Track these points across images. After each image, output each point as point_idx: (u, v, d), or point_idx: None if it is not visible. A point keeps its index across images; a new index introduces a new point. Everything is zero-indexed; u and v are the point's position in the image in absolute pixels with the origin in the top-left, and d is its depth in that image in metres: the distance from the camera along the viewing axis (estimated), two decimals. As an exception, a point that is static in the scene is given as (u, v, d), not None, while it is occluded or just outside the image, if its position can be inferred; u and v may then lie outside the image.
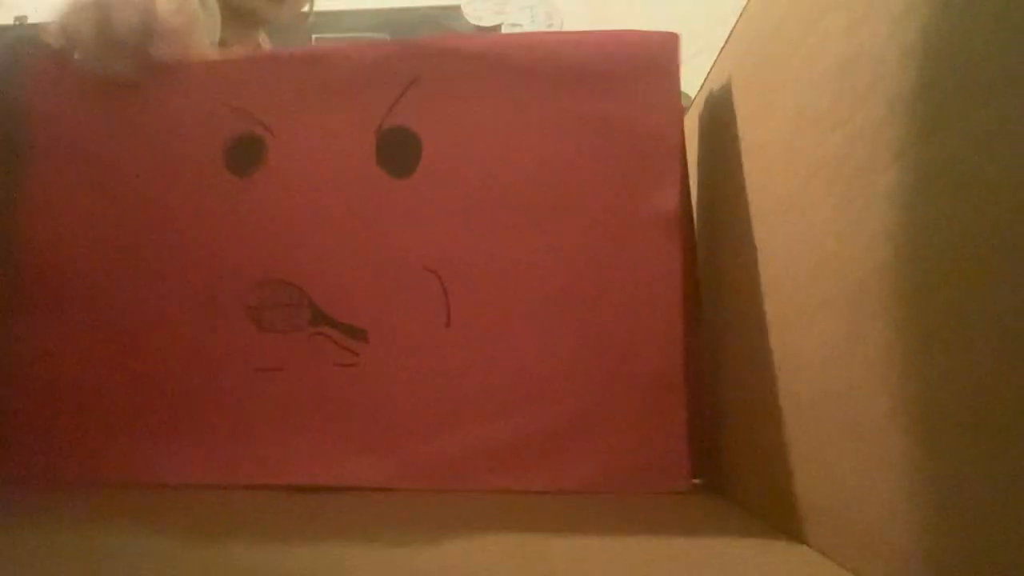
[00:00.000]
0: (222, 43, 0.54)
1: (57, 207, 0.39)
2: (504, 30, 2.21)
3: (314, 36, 2.35)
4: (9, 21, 2.08)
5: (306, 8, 0.86)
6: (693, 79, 0.38)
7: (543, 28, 2.20)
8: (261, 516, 0.32)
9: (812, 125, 0.26)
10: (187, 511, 0.32)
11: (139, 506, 0.33)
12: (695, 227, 0.41)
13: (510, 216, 0.37)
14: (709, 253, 0.40)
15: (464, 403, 0.37)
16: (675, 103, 0.37)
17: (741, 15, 0.35)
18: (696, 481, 0.37)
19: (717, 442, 0.38)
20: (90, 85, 0.40)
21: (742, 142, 0.34)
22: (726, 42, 0.37)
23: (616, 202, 0.37)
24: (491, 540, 0.27)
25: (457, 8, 2.26)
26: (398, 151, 0.38)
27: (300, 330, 0.38)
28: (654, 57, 0.37)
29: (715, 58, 0.39)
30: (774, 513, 0.29)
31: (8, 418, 0.38)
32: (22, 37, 0.41)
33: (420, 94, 0.38)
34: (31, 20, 1.89)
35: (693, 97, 0.43)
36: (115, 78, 0.39)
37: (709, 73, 0.40)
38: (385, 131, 0.38)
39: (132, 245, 0.39)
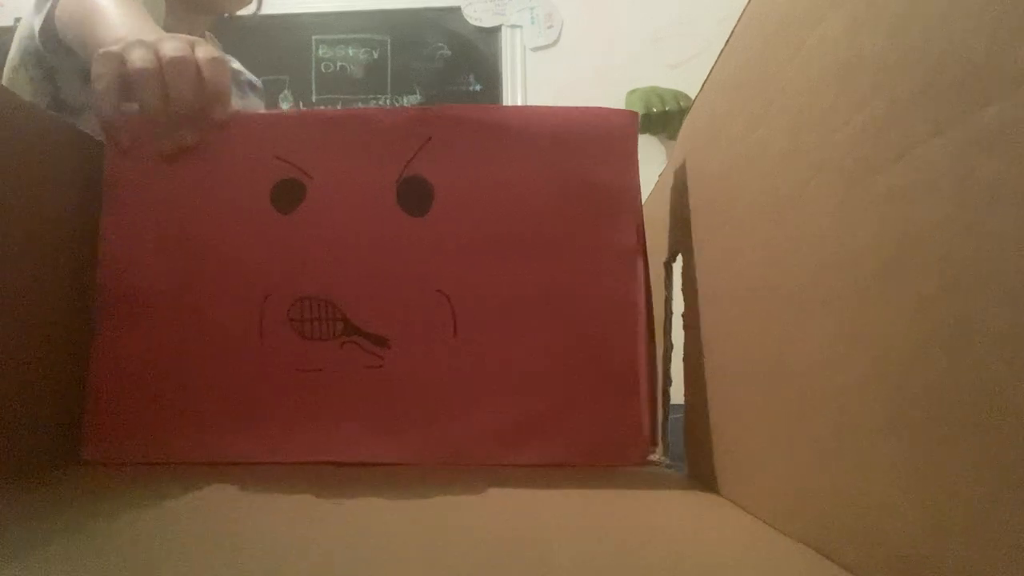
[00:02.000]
0: (167, 30, 0.58)
1: (128, 239, 0.48)
2: (504, 31, 2.21)
3: (314, 36, 2.35)
4: (9, 23, 2.09)
5: None
6: (693, 79, 0.38)
7: (543, 29, 2.20)
8: (303, 487, 0.38)
9: (812, 126, 0.26)
10: (243, 484, 0.39)
11: (204, 480, 0.39)
12: (693, 229, 0.42)
13: (504, 248, 0.47)
14: (706, 253, 0.40)
15: (467, 396, 0.46)
16: (633, 163, 0.48)
17: (741, 16, 0.35)
18: (663, 459, 0.48)
19: (715, 441, 0.38)
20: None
21: (742, 143, 0.34)
22: (727, 43, 0.37)
23: (588, 240, 0.47)
24: (488, 504, 0.34)
25: (457, 9, 2.27)
26: (415, 195, 0.47)
27: (334, 338, 0.47)
28: (617, 128, 0.48)
29: (715, 59, 0.39)
30: (771, 512, 0.29)
31: (96, 410, 0.46)
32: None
33: (433, 150, 0.48)
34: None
35: (694, 98, 0.43)
36: (176, 143, 0.47)
37: (709, 74, 0.40)
38: (404, 179, 0.48)
39: (194, 270, 0.48)
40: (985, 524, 0.16)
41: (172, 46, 0.47)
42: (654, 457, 0.48)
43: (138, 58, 0.45)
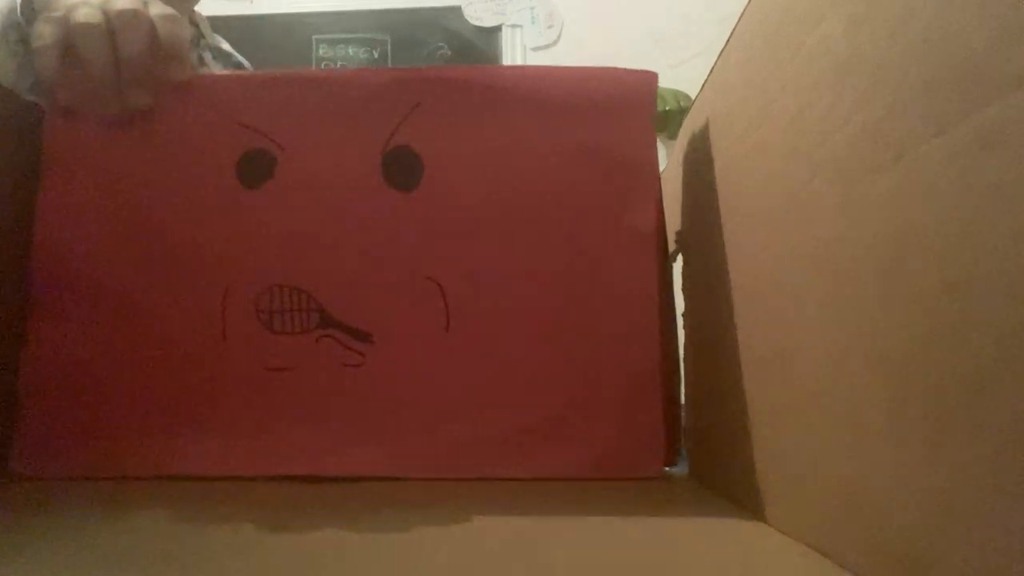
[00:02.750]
0: None
1: (71, 217, 0.42)
2: (504, 31, 2.21)
3: (314, 36, 2.35)
4: None
5: None
6: (693, 79, 0.38)
7: (543, 29, 2.20)
8: (269, 503, 0.34)
9: (812, 126, 0.26)
10: (199, 499, 0.35)
11: (153, 495, 0.35)
12: (693, 229, 0.42)
13: (504, 231, 0.41)
14: (707, 253, 0.40)
15: (460, 399, 0.41)
16: (651, 133, 0.42)
17: (742, 16, 0.35)
18: (677, 470, 0.42)
19: (716, 441, 0.38)
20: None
21: (742, 143, 0.34)
22: (727, 43, 0.37)
23: (599, 221, 0.41)
24: (482, 525, 0.30)
25: (457, 9, 2.26)
26: (402, 168, 0.42)
27: (309, 332, 0.41)
28: (633, 93, 0.42)
29: (715, 59, 0.39)
30: (773, 512, 0.29)
31: (27, 417, 0.40)
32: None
33: (422, 117, 0.42)
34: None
35: (694, 98, 0.43)
36: (127, 106, 0.41)
37: (710, 74, 0.40)
38: (390, 149, 0.42)
39: (146, 252, 0.41)
40: (985, 524, 0.16)
41: (122, 0, 0.41)
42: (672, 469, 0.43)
43: (82, 13, 0.40)
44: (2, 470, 0.39)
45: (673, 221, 0.45)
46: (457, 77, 0.42)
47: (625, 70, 0.43)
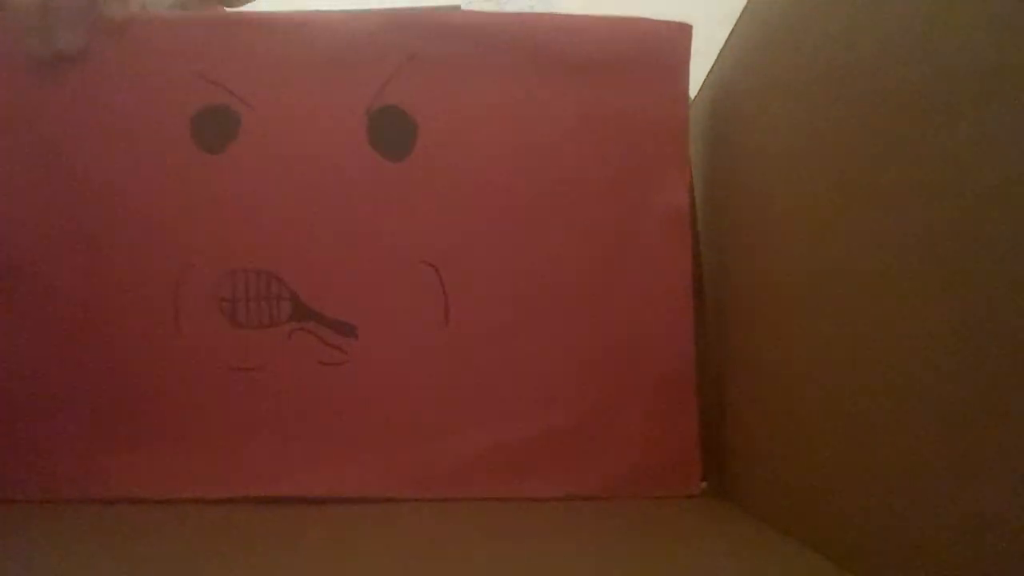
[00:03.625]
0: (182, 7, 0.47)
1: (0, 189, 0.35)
2: (504, 30, 2.20)
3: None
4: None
5: None
6: (693, 79, 0.38)
7: (543, 28, 2.19)
8: (238, 533, 0.28)
9: (813, 126, 0.26)
10: (151, 531, 0.28)
11: (93, 526, 0.29)
12: (692, 229, 0.39)
13: (514, 208, 0.35)
14: (708, 253, 0.40)
15: (463, 405, 0.35)
16: (683, 96, 0.36)
17: (741, 16, 0.35)
18: (703, 485, 0.36)
19: (724, 445, 0.37)
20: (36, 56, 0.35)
21: (742, 143, 0.34)
22: (726, 42, 0.37)
23: (625, 195, 0.36)
24: (483, 556, 0.25)
25: (457, 8, 2.26)
26: (391, 132, 0.35)
27: (280, 325, 0.34)
28: (665, 48, 0.36)
29: (715, 58, 0.39)
30: (784, 519, 0.28)
31: None
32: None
33: (417, 71, 0.35)
34: None
35: (693, 98, 0.43)
36: (59, 53, 0.35)
37: (709, 74, 0.40)
38: (377, 110, 0.35)
39: (87, 230, 0.34)
40: (986, 524, 0.16)
41: None
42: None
43: None
44: None
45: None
46: (459, 24, 0.36)
47: (656, 21, 0.37)
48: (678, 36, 0.37)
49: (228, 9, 0.43)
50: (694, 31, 0.37)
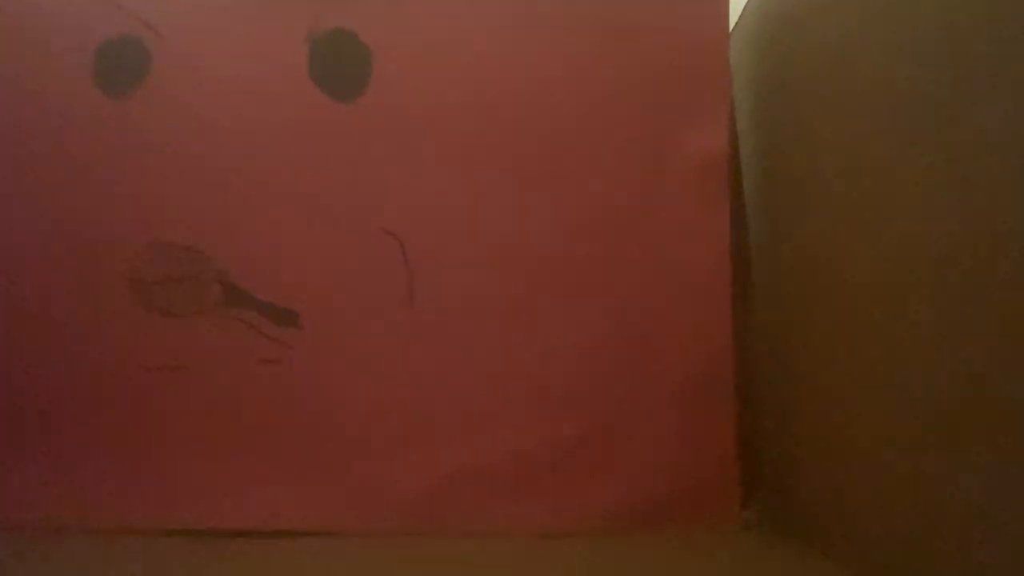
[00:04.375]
0: None
1: None
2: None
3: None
4: None
5: None
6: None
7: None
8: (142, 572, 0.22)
9: (813, 126, 0.26)
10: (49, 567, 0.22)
11: None
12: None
13: (500, 158, 0.28)
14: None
15: (434, 412, 0.28)
16: (723, 13, 0.29)
17: (741, 15, 0.34)
18: (745, 514, 0.28)
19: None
20: None
21: (741, 144, 0.31)
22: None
23: (644, 140, 0.28)
24: None
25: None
26: (340, 64, 0.28)
27: (207, 313, 0.28)
28: None
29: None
30: (774, 514, 0.28)
31: None
32: None
33: None
34: None
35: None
36: None
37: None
38: (321, 36, 0.28)
39: None
40: (986, 524, 0.16)
41: None
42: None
43: None
44: None
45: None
46: None
47: None
48: None
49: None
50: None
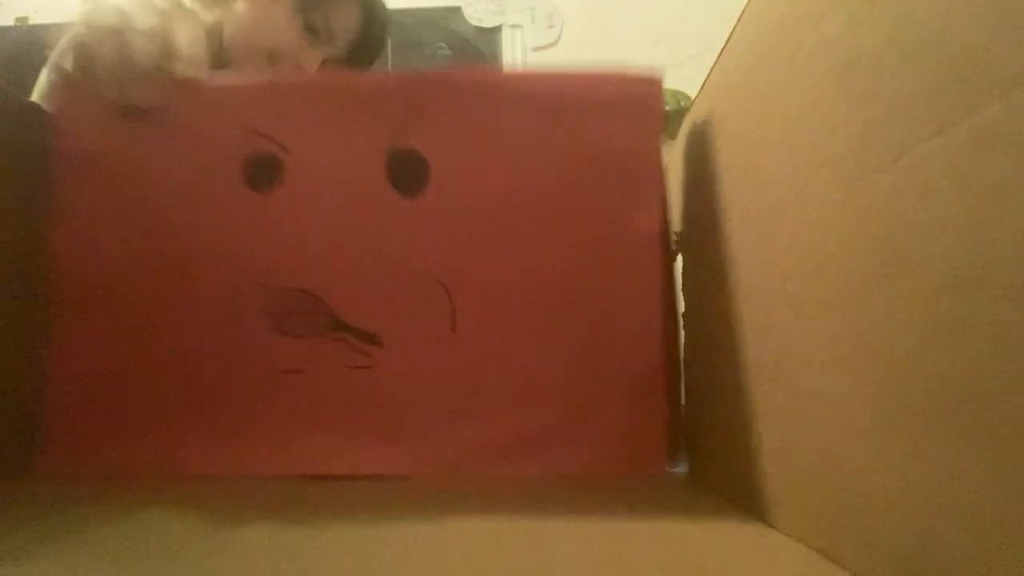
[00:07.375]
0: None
1: (83, 220, 0.42)
2: (504, 31, 2.21)
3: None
4: (10, 22, 2.09)
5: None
6: (693, 79, 0.38)
7: (543, 29, 2.20)
8: (284, 499, 0.36)
9: (812, 126, 0.26)
10: (211, 499, 0.35)
11: (169, 495, 0.36)
12: (693, 229, 0.42)
13: (510, 234, 0.42)
14: (707, 253, 0.40)
15: (468, 400, 0.42)
16: (656, 135, 0.42)
17: (741, 15, 0.35)
18: (678, 470, 0.43)
19: (716, 441, 0.38)
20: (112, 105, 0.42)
21: (742, 142, 0.34)
22: (727, 42, 0.37)
23: (603, 222, 0.42)
24: (481, 526, 0.31)
25: (457, 9, 2.26)
26: (407, 172, 0.42)
27: (318, 335, 0.42)
28: (638, 95, 0.43)
29: (715, 58, 0.39)
30: (774, 513, 0.29)
31: (46, 418, 0.41)
32: (34, 42, 0.42)
33: (428, 120, 0.42)
34: (32, 21, 1.89)
35: (694, 98, 0.43)
36: (133, 105, 0.41)
37: (710, 74, 0.40)
38: (394, 152, 0.42)
39: (156, 255, 0.42)
40: (982, 523, 0.16)
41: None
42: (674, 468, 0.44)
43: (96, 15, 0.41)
44: (29, 468, 0.40)
45: (673, 220, 0.45)
46: (464, 80, 0.43)
47: (629, 71, 0.43)
48: (650, 84, 0.43)
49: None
50: (694, 31, 0.38)
